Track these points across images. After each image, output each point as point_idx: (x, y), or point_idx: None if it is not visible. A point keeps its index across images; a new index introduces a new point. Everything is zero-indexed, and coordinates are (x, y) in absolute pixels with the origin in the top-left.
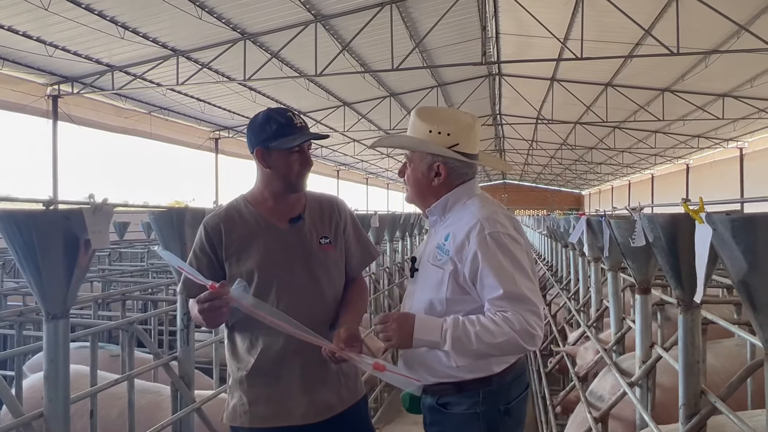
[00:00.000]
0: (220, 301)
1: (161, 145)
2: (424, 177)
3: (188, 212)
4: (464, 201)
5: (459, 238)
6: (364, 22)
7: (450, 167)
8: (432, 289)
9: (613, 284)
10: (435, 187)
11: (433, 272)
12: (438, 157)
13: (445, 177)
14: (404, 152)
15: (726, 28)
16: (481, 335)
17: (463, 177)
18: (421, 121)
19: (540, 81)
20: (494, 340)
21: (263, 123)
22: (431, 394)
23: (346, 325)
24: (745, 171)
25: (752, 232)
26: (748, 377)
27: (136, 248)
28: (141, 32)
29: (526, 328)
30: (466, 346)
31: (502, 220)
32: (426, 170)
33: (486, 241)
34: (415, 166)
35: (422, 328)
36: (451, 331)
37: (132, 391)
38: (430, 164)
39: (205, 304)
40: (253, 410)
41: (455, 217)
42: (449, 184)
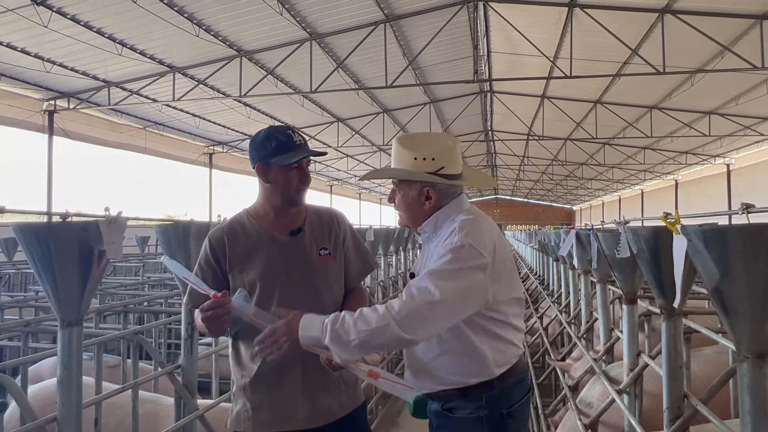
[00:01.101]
0: (222, 310)
1: (155, 160)
2: (415, 202)
3: (193, 225)
4: (453, 217)
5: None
6: (359, 41)
7: (438, 190)
8: None
9: (602, 296)
10: (426, 210)
11: None
12: (426, 183)
13: (435, 200)
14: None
15: (710, 49)
16: (358, 324)
17: (451, 196)
18: (405, 150)
19: (531, 98)
20: (368, 327)
21: (264, 140)
22: (437, 400)
23: None
24: (733, 186)
25: (723, 242)
26: (728, 381)
27: (131, 262)
28: (138, 49)
29: (409, 309)
30: (343, 338)
31: (479, 233)
32: (417, 196)
33: (455, 234)
34: (405, 193)
35: (306, 326)
36: (330, 325)
37: (137, 400)
38: (420, 190)
39: (208, 312)
40: (256, 416)
41: (445, 232)
42: (439, 204)
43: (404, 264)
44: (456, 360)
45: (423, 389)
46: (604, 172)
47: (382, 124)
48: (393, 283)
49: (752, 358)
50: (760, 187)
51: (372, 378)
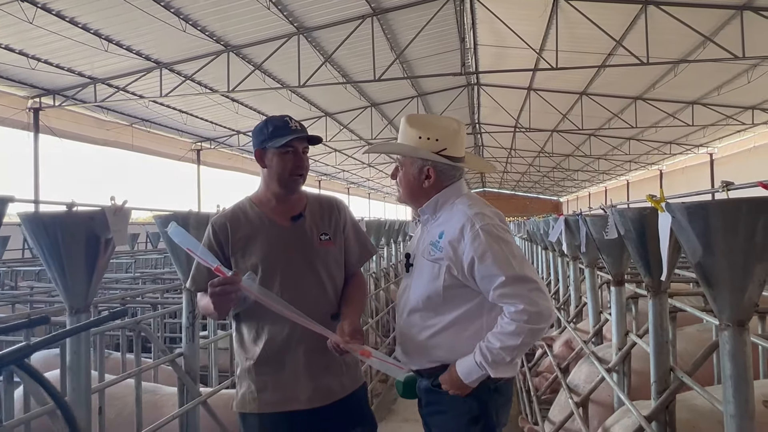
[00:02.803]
0: (232, 287)
1: (143, 157)
2: (415, 180)
3: (192, 216)
4: (453, 200)
5: (452, 235)
6: (346, 35)
7: (439, 170)
8: (428, 283)
9: (591, 279)
10: (425, 188)
11: (428, 267)
12: (428, 161)
13: (434, 179)
14: (394, 158)
15: (692, 39)
16: (508, 345)
17: (451, 178)
18: (411, 128)
19: (517, 90)
20: (518, 341)
21: (262, 127)
22: (427, 377)
23: (349, 320)
24: (716, 175)
25: (705, 217)
26: (711, 353)
27: (121, 259)
28: (125, 45)
29: (532, 311)
30: (504, 362)
31: (489, 214)
32: (417, 173)
33: (479, 234)
34: (406, 170)
35: (467, 373)
36: (485, 362)
37: (140, 388)
38: (421, 168)
39: (217, 288)
40: (261, 397)
41: (446, 216)
42: (438, 185)
43: (395, 256)
44: (452, 338)
45: (414, 365)
46: (590, 163)
47: (370, 118)
48: (385, 274)
49: (733, 326)
50: (742, 176)
51: (364, 357)
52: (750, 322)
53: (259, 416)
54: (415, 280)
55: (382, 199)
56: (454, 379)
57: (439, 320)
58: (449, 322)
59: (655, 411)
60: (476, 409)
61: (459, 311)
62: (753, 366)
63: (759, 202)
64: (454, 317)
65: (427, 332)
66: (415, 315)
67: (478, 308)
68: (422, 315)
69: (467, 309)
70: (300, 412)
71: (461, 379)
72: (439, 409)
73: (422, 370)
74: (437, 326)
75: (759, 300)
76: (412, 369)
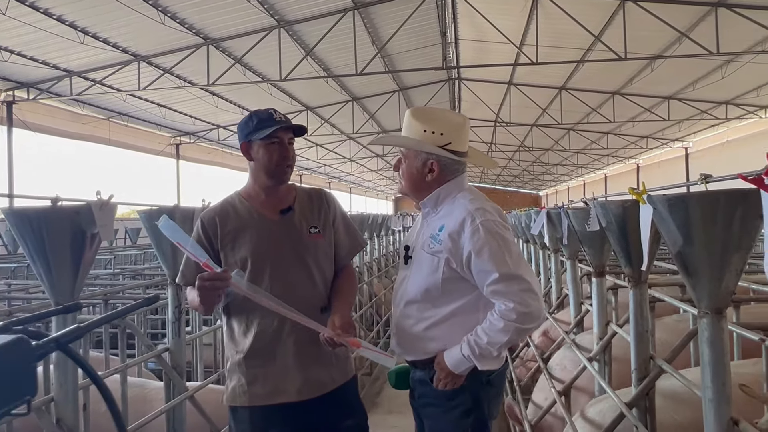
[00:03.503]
0: (222, 283)
1: (120, 152)
2: (418, 173)
3: (178, 210)
4: (455, 195)
5: (452, 229)
6: (327, 28)
7: (442, 164)
8: (427, 275)
9: (572, 271)
10: (428, 182)
11: (428, 259)
12: (432, 155)
13: (437, 173)
14: (397, 150)
15: (669, 36)
16: (494, 341)
17: (454, 173)
18: (416, 121)
19: (498, 85)
20: (504, 339)
21: (247, 120)
22: (421, 368)
23: (340, 313)
24: (691, 168)
25: (684, 209)
26: (690, 341)
27: (101, 255)
28: (101, 37)
29: (521, 311)
30: (491, 356)
31: (489, 209)
32: (420, 167)
33: (479, 230)
34: (409, 163)
35: (455, 364)
36: (472, 355)
37: (125, 384)
38: (424, 161)
39: (206, 283)
40: (251, 390)
41: (447, 210)
42: (441, 179)
43: (378, 250)
44: (448, 331)
45: (409, 357)
46: (569, 158)
47: (352, 112)
48: (368, 268)
49: (711, 314)
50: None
51: (354, 347)
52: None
53: (249, 409)
54: (413, 272)
55: (364, 194)
56: (443, 370)
57: (436, 312)
58: (446, 314)
59: (635, 398)
60: (469, 402)
61: (456, 304)
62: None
63: (736, 193)
64: (451, 310)
65: (424, 324)
66: (412, 306)
67: (474, 302)
68: (419, 307)
69: (464, 303)
70: (290, 404)
71: (450, 369)
72: (431, 401)
73: (417, 362)
74: (434, 318)
75: (735, 289)
76: (407, 360)
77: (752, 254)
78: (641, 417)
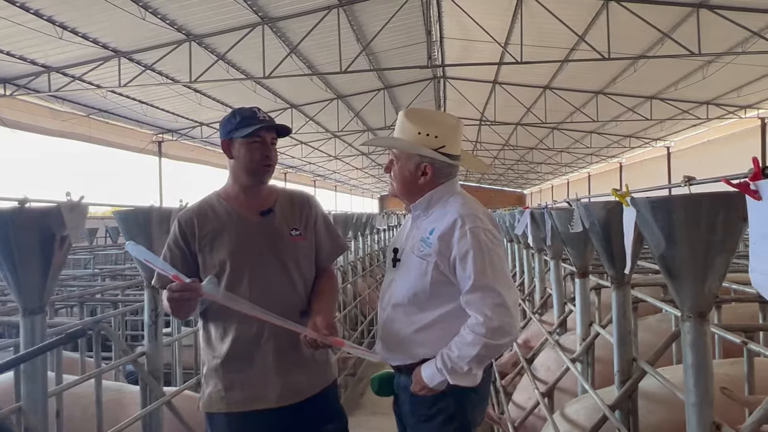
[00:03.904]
0: (190, 294)
1: (101, 149)
2: (411, 175)
3: (154, 211)
4: (447, 198)
5: (443, 231)
6: (312, 25)
7: (436, 167)
8: (415, 279)
9: (555, 271)
10: (420, 184)
11: (417, 263)
12: (426, 158)
13: (431, 176)
14: (389, 152)
15: (651, 36)
16: (463, 355)
17: (447, 176)
18: (410, 123)
19: (483, 84)
20: (473, 352)
21: (229, 117)
22: (406, 374)
23: (322, 315)
24: (673, 168)
25: (667, 211)
26: (672, 343)
27: (80, 254)
28: (80, 32)
29: (489, 326)
30: (462, 370)
31: (481, 216)
32: (413, 169)
33: (466, 235)
34: (402, 165)
35: (430, 377)
36: (445, 370)
37: (99, 389)
38: (418, 164)
39: (175, 294)
40: (229, 395)
41: (439, 213)
42: (434, 182)
43: (363, 249)
44: (435, 336)
45: (395, 361)
46: (552, 156)
47: (337, 110)
48: (352, 268)
49: (694, 318)
50: (697, 168)
51: (338, 346)
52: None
53: (226, 416)
54: (401, 275)
55: (349, 192)
56: (419, 382)
57: (423, 317)
58: (433, 319)
59: (618, 400)
60: (452, 408)
61: (444, 309)
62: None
63: (719, 196)
64: (439, 315)
65: (411, 328)
66: (400, 310)
67: (461, 308)
68: (406, 310)
69: (452, 308)
70: (269, 410)
71: (425, 382)
72: (413, 409)
73: (402, 367)
74: (421, 323)
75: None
76: (392, 365)
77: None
78: (624, 419)
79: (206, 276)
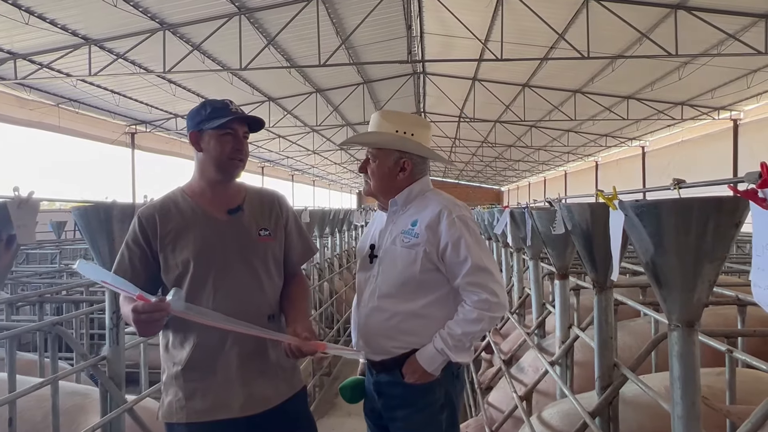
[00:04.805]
0: (160, 314)
1: (71, 140)
2: (390, 171)
3: (116, 207)
4: (424, 193)
5: (429, 221)
6: (290, 17)
7: (414, 163)
8: (403, 269)
9: (534, 272)
10: (398, 180)
11: (403, 254)
12: (405, 154)
13: (409, 172)
14: (366, 151)
15: (630, 36)
16: (468, 331)
17: (422, 172)
18: (387, 122)
19: (462, 80)
20: (477, 328)
21: (199, 108)
22: (389, 370)
23: (300, 322)
24: (647, 167)
25: (657, 216)
26: (654, 349)
27: (46, 249)
28: (48, 18)
29: (493, 301)
30: (464, 347)
31: (461, 205)
32: (392, 166)
33: (455, 222)
34: (381, 162)
35: (428, 361)
36: (447, 348)
37: (56, 396)
38: (397, 160)
39: (142, 316)
40: (189, 405)
41: (417, 207)
42: (411, 178)
43: (340, 246)
44: (424, 324)
45: (378, 354)
46: (530, 154)
47: (315, 104)
48: (329, 264)
49: (682, 327)
50: (671, 168)
51: (320, 350)
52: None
53: (187, 426)
54: (385, 269)
55: (327, 187)
56: (417, 369)
57: (412, 305)
58: (421, 306)
59: (598, 407)
60: (442, 398)
61: (431, 297)
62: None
63: (711, 201)
64: (426, 302)
65: (398, 318)
66: (387, 301)
67: (446, 296)
68: (394, 301)
69: (438, 296)
70: (232, 420)
71: (423, 368)
72: (404, 402)
73: (387, 361)
74: (409, 312)
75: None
76: (375, 361)
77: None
78: (604, 426)
79: (168, 277)
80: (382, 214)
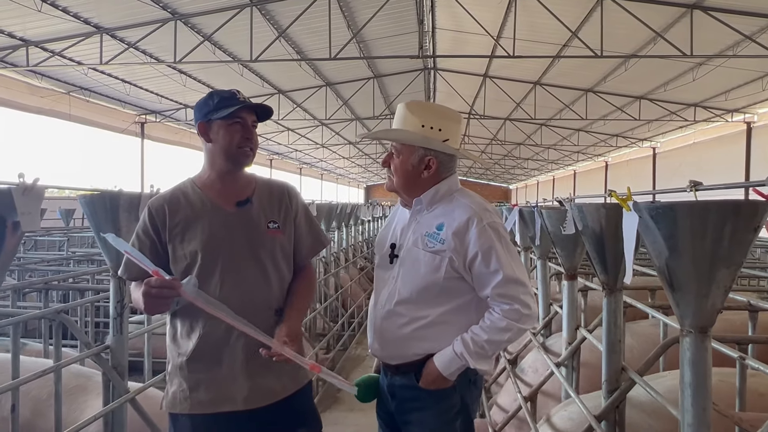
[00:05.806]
0: (170, 292)
1: (81, 128)
2: (414, 169)
3: (123, 196)
4: (452, 193)
5: (457, 227)
6: (302, 9)
7: (440, 161)
8: (426, 274)
9: (542, 271)
10: (423, 179)
11: (427, 258)
12: (430, 151)
13: (434, 170)
14: (390, 145)
15: (644, 35)
16: (494, 339)
17: (449, 170)
18: (412, 116)
19: (473, 77)
20: (504, 337)
21: (206, 99)
22: (404, 373)
23: (288, 323)
24: (657, 169)
25: (672, 218)
26: (663, 352)
27: (54, 236)
28: (61, 6)
29: (524, 313)
30: (487, 354)
31: (492, 211)
32: (417, 163)
33: (486, 230)
34: (404, 158)
35: (445, 366)
36: (466, 351)
37: (59, 383)
38: (422, 157)
39: (153, 290)
40: (193, 396)
41: (445, 208)
42: (437, 176)
43: (346, 240)
44: (442, 331)
45: (394, 361)
46: (540, 153)
47: (325, 97)
48: (335, 259)
49: (695, 333)
50: (682, 170)
51: (314, 371)
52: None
53: (190, 417)
54: (406, 271)
55: (335, 181)
56: (432, 373)
57: (431, 312)
58: (441, 314)
59: (605, 410)
60: (458, 404)
61: (452, 305)
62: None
63: (728, 204)
64: (446, 310)
65: (415, 324)
66: (405, 306)
67: (468, 304)
68: (413, 307)
69: (460, 303)
70: (236, 413)
71: (440, 371)
72: (418, 406)
73: (402, 365)
74: (428, 318)
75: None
76: (390, 364)
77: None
78: (610, 430)
79: (176, 267)
80: (405, 210)
